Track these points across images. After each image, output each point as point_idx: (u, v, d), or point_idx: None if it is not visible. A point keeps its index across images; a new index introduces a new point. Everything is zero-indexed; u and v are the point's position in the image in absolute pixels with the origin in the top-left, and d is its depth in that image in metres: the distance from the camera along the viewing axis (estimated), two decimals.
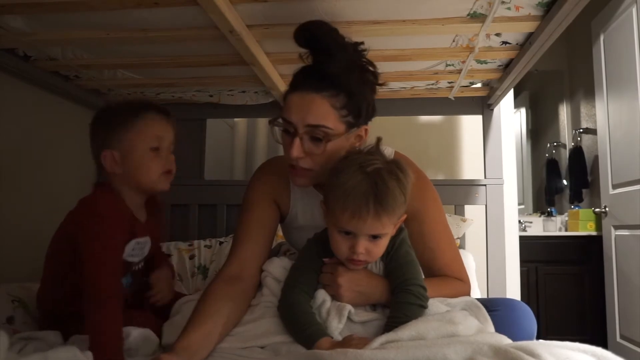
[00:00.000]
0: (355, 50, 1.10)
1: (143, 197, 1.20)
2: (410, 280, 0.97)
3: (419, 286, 0.97)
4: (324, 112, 1.01)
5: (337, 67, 1.03)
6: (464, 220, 2.07)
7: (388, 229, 0.95)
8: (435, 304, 0.99)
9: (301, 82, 1.04)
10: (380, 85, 1.14)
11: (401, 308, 0.94)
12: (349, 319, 0.97)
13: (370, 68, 1.11)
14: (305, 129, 1.02)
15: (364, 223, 0.90)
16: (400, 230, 1.02)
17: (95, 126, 1.16)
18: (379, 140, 0.98)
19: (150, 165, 1.14)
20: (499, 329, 0.98)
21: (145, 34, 1.40)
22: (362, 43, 1.13)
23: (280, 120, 1.07)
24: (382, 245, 0.96)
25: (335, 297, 1.00)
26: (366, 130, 1.11)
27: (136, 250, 1.16)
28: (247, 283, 1.08)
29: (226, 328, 0.98)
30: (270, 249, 1.19)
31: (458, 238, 2.06)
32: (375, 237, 0.94)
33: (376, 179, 0.89)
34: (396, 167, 0.92)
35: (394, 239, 1.00)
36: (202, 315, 0.96)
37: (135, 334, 1.01)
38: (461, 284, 1.13)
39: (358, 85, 1.06)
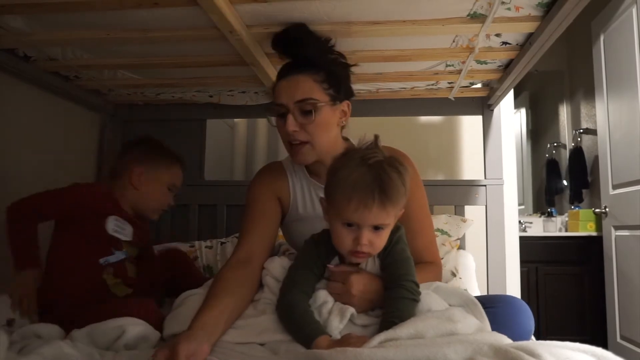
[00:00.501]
0: (326, 41, 1.33)
1: (132, 211, 1.44)
2: (404, 276, 1.00)
3: (412, 282, 1.00)
4: (308, 86, 1.18)
5: (314, 51, 1.25)
6: (464, 221, 2.06)
7: (391, 219, 0.98)
8: (434, 299, 1.00)
9: (286, 70, 1.22)
10: (352, 66, 1.33)
11: (395, 303, 0.97)
12: (350, 321, 0.98)
13: (342, 60, 1.31)
14: (295, 105, 1.18)
15: (370, 213, 0.93)
16: (397, 228, 1.05)
17: (140, 149, 1.46)
18: (376, 137, 1.02)
19: (161, 198, 1.47)
20: (497, 325, 0.97)
21: (145, 34, 1.40)
22: (331, 39, 1.34)
23: (273, 107, 1.22)
24: (384, 237, 0.99)
25: (346, 304, 1.01)
26: (348, 105, 1.26)
27: (118, 228, 1.36)
28: (256, 266, 1.14)
29: (237, 311, 1.03)
30: (275, 239, 1.26)
31: (458, 239, 2.06)
32: (377, 229, 0.97)
33: (379, 171, 0.93)
34: (395, 161, 0.96)
35: (391, 236, 1.03)
36: (214, 298, 1.01)
37: (132, 333, 1.01)
38: (435, 267, 1.24)
39: (334, 65, 1.26)
